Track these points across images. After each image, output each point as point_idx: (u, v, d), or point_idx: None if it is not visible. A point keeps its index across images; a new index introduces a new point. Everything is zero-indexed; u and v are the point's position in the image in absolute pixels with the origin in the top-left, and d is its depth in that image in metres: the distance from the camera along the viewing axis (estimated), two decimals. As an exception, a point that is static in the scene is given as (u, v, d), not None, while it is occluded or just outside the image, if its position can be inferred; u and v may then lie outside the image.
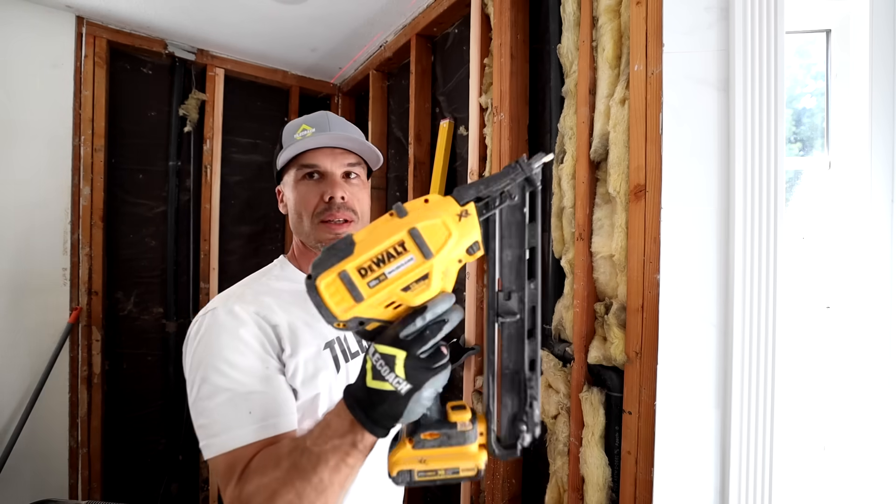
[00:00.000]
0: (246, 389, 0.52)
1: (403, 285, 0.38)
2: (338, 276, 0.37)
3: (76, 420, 1.61)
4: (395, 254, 0.37)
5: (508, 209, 0.40)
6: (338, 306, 0.37)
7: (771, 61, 0.71)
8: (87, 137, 1.62)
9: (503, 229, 0.40)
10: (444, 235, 0.38)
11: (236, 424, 0.50)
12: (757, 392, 0.71)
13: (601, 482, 0.87)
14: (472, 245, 0.40)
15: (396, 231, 0.37)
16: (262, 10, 1.57)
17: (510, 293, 0.40)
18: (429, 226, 0.37)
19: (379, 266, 0.37)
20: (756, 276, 0.72)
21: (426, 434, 0.41)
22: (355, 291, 0.37)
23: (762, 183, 0.72)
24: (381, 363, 0.38)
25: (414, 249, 0.37)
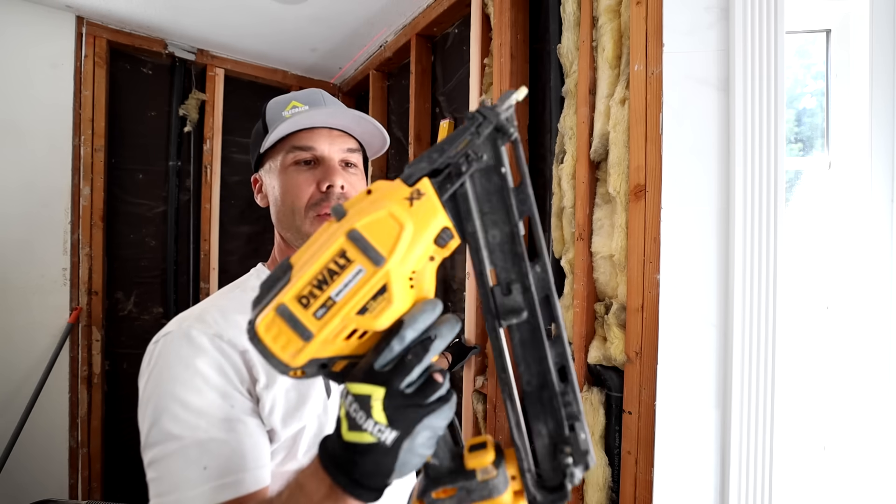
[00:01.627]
0: (201, 437, 0.42)
1: (358, 307, 0.28)
2: (276, 312, 0.28)
3: (76, 420, 1.61)
4: (337, 269, 0.28)
5: (481, 174, 0.30)
6: (285, 351, 0.29)
7: (771, 61, 0.71)
8: (87, 137, 1.62)
9: (480, 203, 0.30)
10: (395, 230, 0.28)
11: (187, 484, 0.40)
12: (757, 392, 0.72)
13: (601, 482, 0.87)
14: (442, 233, 0.30)
15: (333, 238, 0.28)
16: (262, 10, 1.57)
17: (509, 285, 0.31)
18: (371, 222, 0.28)
19: (322, 289, 0.28)
20: (756, 276, 0.72)
21: (438, 492, 0.31)
22: (300, 328, 0.28)
23: (762, 183, 0.72)
24: (356, 408, 0.29)
25: (359, 257, 0.28)
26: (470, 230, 0.30)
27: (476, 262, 0.31)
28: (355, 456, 0.30)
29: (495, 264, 0.31)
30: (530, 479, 0.31)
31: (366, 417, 0.29)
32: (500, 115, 0.30)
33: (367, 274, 0.28)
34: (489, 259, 0.31)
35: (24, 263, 1.52)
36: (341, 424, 0.31)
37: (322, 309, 0.28)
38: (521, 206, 0.31)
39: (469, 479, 0.31)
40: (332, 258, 0.28)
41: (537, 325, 0.31)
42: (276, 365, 0.29)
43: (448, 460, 0.33)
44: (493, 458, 0.32)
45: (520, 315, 0.31)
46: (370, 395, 0.29)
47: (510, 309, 0.31)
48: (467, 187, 0.30)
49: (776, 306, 0.71)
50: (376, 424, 0.29)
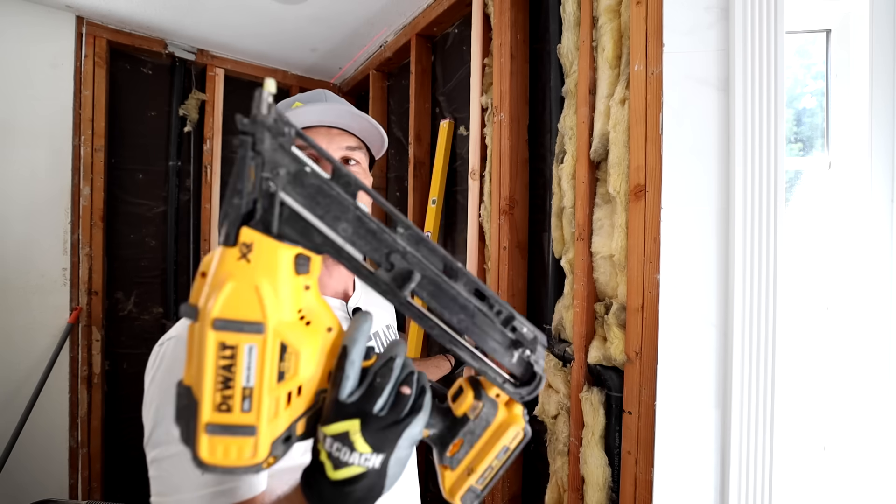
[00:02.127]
0: None
1: (275, 376, 0.28)
2: (207, 434, 0.27)
3: (76, 420, 1.61)
4: (229, 362, 0.27)
5: (293, 185, 0.28)
6: (242, 457, 0.28)
7: (771, 61, 0.71)
8: (87, 137, 1.62)
9: (312, 209, 0.29)
10: (251, 293, 0.27)
11: (184, 487, 0.41)
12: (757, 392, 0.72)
13: (601, 482, 0.87)
14: (296, 262, 0.29)
15: (203, 339, 0.27)
16: (262, 10, 1.57)
17: (388, 258, 0.30)
18: (226, 302, 0.27)
19: (230, 387, 0.27)
20: (756, 276, 0.72)
21: (451, 448, 0.35)
22: (239, 430, 0.28)
23: (762, 183, 0.72)
24: (338, 447, 0.29)
25: (240, 338, 0.27)
26: (319, 240, 0.29)
27: (346, 261, 0.30)
28: (346, 489, 0.30)
29: (364, 251, 0.30)
30: (509, 387, 0.35)
31: (350, 452, 0.29)
32: (266, 121, 0.27)
33: (259, 346, 0.27)
34: (357, 250, 0.30)
35: (24, 263, 1.52)
36: (325, 466, 0.30)
37: (245, 401, 0.28)
38: (346, 188, 0.29)
39: (466, 424, 0.35)
40: (216, 356, 0.27)
41: (433, 274, 0.32)
42: (245, 472, 0.29)
43: (441, 422, 0.35)
44: (473, 395, 0.35)
45: (413, 278, 0.31)
46: (348, 430, 0.29)
47: (402, 278, 0.31)
48: (290, 204, 0.28)
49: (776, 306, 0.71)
50: (361, 455, 0.29)
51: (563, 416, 1.00)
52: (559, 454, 1.01)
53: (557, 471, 1.01)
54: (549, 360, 1.04)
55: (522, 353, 0.34)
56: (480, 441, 0.35)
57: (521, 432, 0.35)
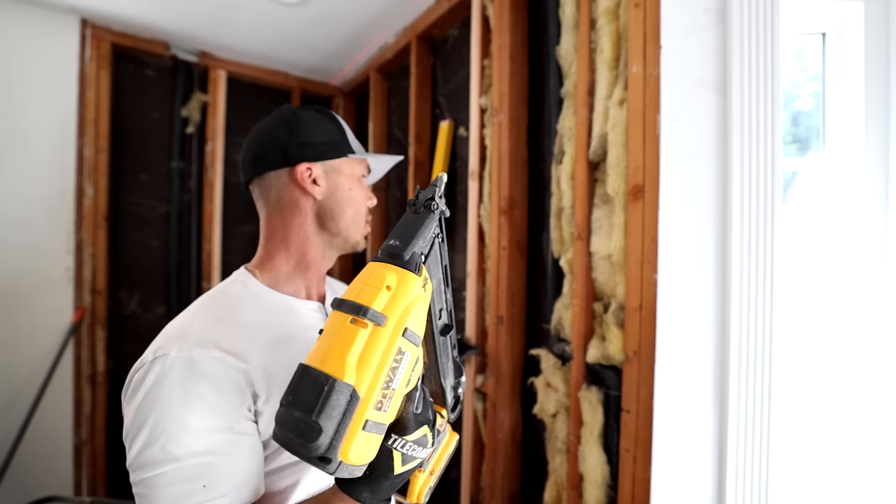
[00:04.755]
0: (202, 459, 0.42)
1: (406, 382, 0.35)
2: (364, 431, 0.30)
3: (80, 418, 1.62)
4: (396, 364, 0.33)
5: (437, 245, 0.41)
6: (369, 455, 0.33)
7: (768, 63, 0.72)
8: (90, 139, 1.64)
9: (431, 265, 0.40)
10: (424, 314, 0.36)
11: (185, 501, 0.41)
12: (754, 390, 0.72)
13: (600, 480, 0.88)
14: None
15: (392, 342, 0.32)
16: (264, 12, 1.58)
17: (440, 311, 0.44)
18: (416, 317, 0.34)
19: (389, 387, 0.32)
20: (753, 276, 0.72)
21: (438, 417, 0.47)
22: (380, 427, 0.32)
23: (759, 183, 0.72)
24: (414, 447, 0.38)
25: (409, 347, 0.34)
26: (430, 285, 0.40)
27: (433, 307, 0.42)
28: (400, 479, 0.39)
29: (435, 303, 0.42)
30: (450, 412, 0.50)
31: (422, 448, 0.39)
32: (443, 204, 0.41)
33: (412, 355, 0.34)
34: (435, 301, 0.42)
35: (28, 263, 1.54)
36: (393, 466, 0.38)
37: (388, 401, 0.33)
38: (444, 258, 0.43)
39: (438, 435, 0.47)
40: (392, 359, 0.32)
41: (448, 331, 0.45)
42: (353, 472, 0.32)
43: None
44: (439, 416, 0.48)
45: (451, 330, 0.45)
46: (426, 434, 0.40)
47: (444, 327, 0.45)
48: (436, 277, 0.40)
49: (773, 306, 0.72)
50: (428, 449, 0.40)
51: (561, 415, 1.00)
52: (558, 452, 1.02)
53: (556, 469, 1.02)
54: (548, 359, 1.05)
55: (458, 392, 0.50)
56: (441, 447, 0.49)
57: (457, 441, 0.52)
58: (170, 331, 0.48)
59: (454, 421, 0.52)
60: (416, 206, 0.40)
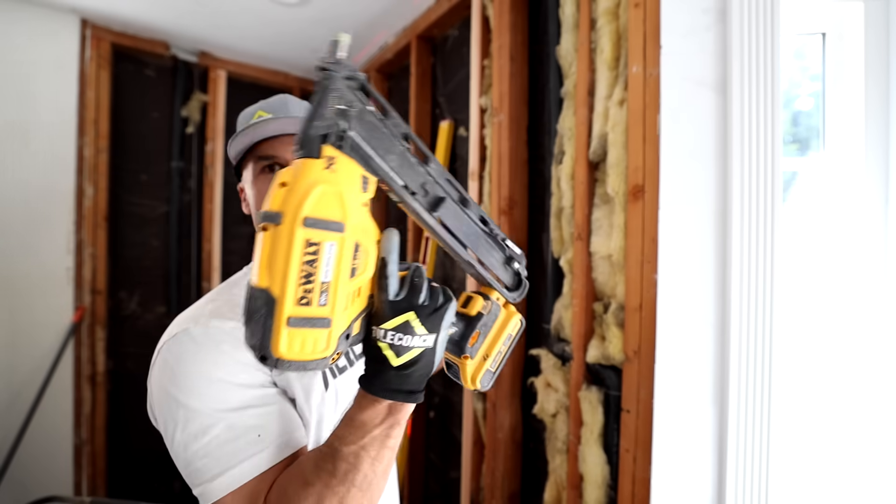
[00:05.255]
0: (249, 412, 0.44)
1: (348, 272, 0.33)
2: (289, 326, 0.30)
3: (80, 418, 1.62)
4: (313, 257, 0.31)
5: (358, 121, 0.34)
6: (316, 350, 0.32)
7: (768, 63, 0.72)
8: (90, 138, 1.64)
9: (370, 142, 0.35)
10: (336, 197, 0.32)
11: (244, 454, 0.42)
12: (754, 390, 0.72)
13: (600, 480, 0.88)
14: (362, 181, 0.34)
15: (291, 236, 0.30)
16: (264, 12, 1.58)
17: (423, 187, 0.38)
18: (316, 202, 0.31)
19: (311, 281, 0.31)
20: (753, 276, 0.72)
21: (470, 341, 0.43)
22: (319, 322, 0.31)
23: (759, 183, 0.72)
24: (398, 336, 0.36)
25: (325, 235, 0.31)
26: (376, 166, 0.35)
27: (392, 185, 0.37)
28: (407, 371, 0.37)
29: (406, 180, 0.37)
30: (506, 292, 0.46)
31: (411, 337, 0.36)
32: (346, 65, 0.34)
33: (339, 244, 0.32)
34: (399, 177, 0.37)
35: (28, 263, 1.54)
36: (387, 360, 0.37)
37: (322, 294, 0.31)
38: (395, 129, 0.37)
39: (480, 319, 0.44)
40: (303, 252, 0.30)
41: (453, 201, 0.41)
42: (317, 366, 0.33)
43: (461, 321, 0.44)
44: (482, 299, 0.45)
45: (443, 204, 0.39)
46: (408, 320, 0.36)
47: (434, 201, 0.39)
48: (355, 136, 0.34)
49: (773, 305, 0.72)
50: (421, 337, 0.37)
51: (562, 415, 1.00)
52: (558, 452, 1.02)
53: (556, 469, 1.02)
54: (548, 359, 1.05)
55: (513, 266, 0.46)
56: (492, 331, 0.45)
57: (521, 322, 0.47)
58: (185, 315, 0.50)
59: (517, 301, 0.46)
60: None
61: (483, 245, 0.43)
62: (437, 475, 1.53)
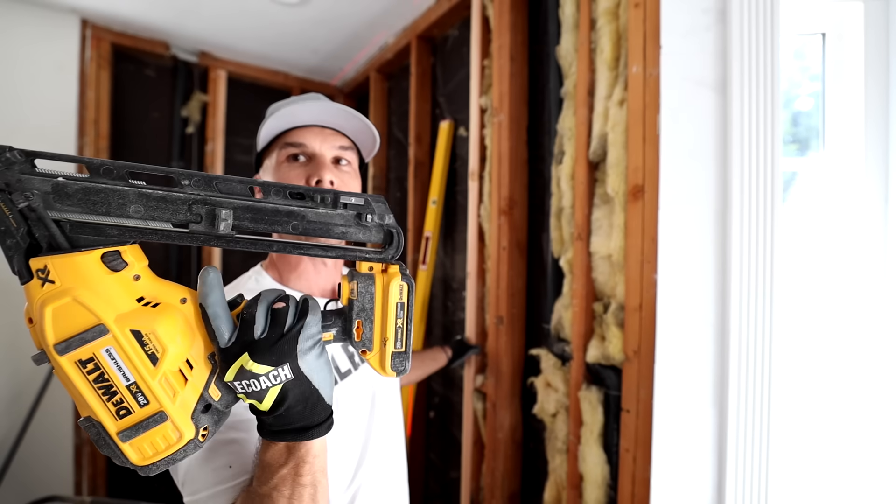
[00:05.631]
0: (223, 438, 0.44)
1: (147, 362, 0.29)
2: (122, 442, 0.29)
3: (80, 418, 1.62)
4: (96, 371, 0.28)
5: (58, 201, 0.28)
6: (169, 441, 0.30)
7: (767, 63, 0.72)
8: (91, 139, 1.64)
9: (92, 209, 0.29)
10: (72, 305, 0.28)
11: (214, 482, 0.43)
12: (753, 390, 0.72)
13: (600, 480, 0.88)
14: (106, 259, 0.30)
15: (61, 369, 0.28)
16: (264, 12, 1.58)
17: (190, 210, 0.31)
18: (52, 327, 0.27)
19: (115, 392, 0.28)
20: (753, 276, 0.72)
21: (356, 335, 0.38)
22: (150, 422, 0.29)
23: (759, 183, 0.72)
24: (245, 384, 0.32)
25: (92, 347, 0.28)
26: (116, 232, 0.30)
27: (155, 236, 0.32)
28: (280, 411, 0.33)
29: (167, 218, 0.32)
30: (374, 255, 0.38)
31: (256, 380, 0.32)
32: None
33: (115, 344, 0.28)
34: (161, 221, 0.32)
35: (29, 263, 1.54)
36: (255, 407, 0.34)
37: (138, 395, 0.29)
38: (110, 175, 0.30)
39: (352, 307, 0.37)
40: (82, 374, 0.28)
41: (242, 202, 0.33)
42: (185, 454, 0.31)
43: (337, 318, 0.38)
44: (348, 280, 0.38)
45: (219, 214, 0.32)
46: (242, 365, 0.32)
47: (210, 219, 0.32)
48: (64, 217, 0.29)
49: (773, 305, 0.72)
50: (266, 376, 0.32)
51: (561, 415, 1.01)
52: (558, 452, 1.02)
53: (556, 469, 1.02)
54: (548, 358, 1.05)
55: (370, 220, 0.36)
56: (376, 312, 0.37)
57: (404, 283, 0.38)
58: None
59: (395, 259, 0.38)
60: None
61: (315, 223, 0.34)
62: (436, 475, 1.53)
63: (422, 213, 1.56)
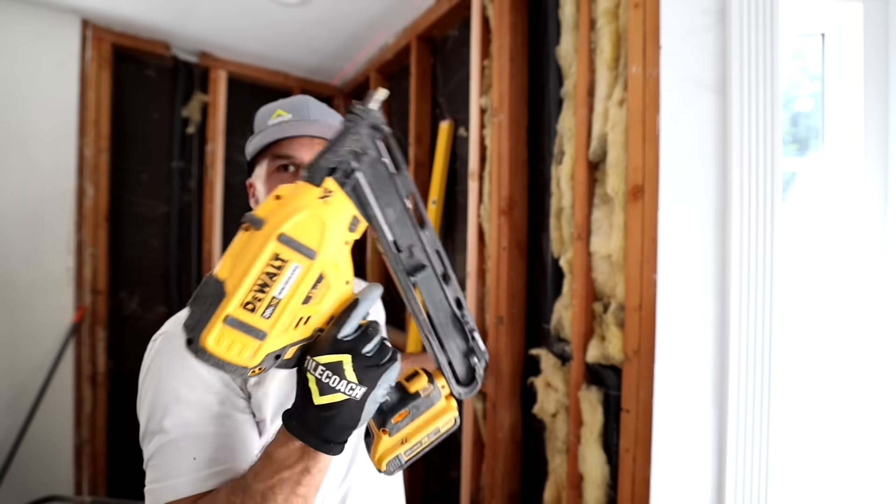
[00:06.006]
0: (192, 431, 0.44)
1: (302, 298, 0.34)
2: (224, 324, 0.31)
3: (81, 418, 1.63)
4: (275, 270, 0.32)
5: (369, 167, 0.36)
6: (241, 355, 0.32)
7: (767, 64, 0.72)
8: (91, 139, 1.64)
9: (374, 189, 0.37)
10: (318, 226, 0.33)
11: (177, 472, 0.43)
12: (753, 390, 0.72)
13: (599, 480, 0.88)
14: (352, 221, 0.36)
15: (263, 245, 0.32)
16: (264, 12, 1.59)
17: (410, 248, 0.39)
18: (297, 224, 0.32)
19: (264, 291, 0.32)
20: (752, 276, 0.72)
21: (396, 417, 0.41)
22: (253, 331, 0.32)
23: (758, 183, 0.72)
24: (328, 374, 0.35)
25: (294, 256, 0.32)
26: (371, 213, 0.37)
27: (381, 236, 0.38)
28: (326, 414, 0.36)
29: (396, 234, 0.39)
30: (454, 384, 0.43)
31: (339, 380, 0.35)
32: (374, 115, 0.37)
33: (304, 268, 0.33)
34: (391, 232, 0.39)
35: (29, 263, 1.54)
36: (311, 393, 0.36)
37: (269, 308, 0.33)
38: (403, 187, 0.39)
39: (415, 399, 0.42)
40: (267, 262, 0.32)
41: (434, 274, 0.41)
42: (234, 371, 0.33)
43: (396, 392, 0.42)
44: (427, 380, 0.43)
45: (423, 271, 0.40)
46: (342, 360, 0.35)
47: (416, 265, 0.40)
48: (361, 178, 0.36)
49: (772, 305, 0.72)
50: (349, 384, 0.35)
51: (561, 415, 1.01)
52: (558, 452, 1.02)
53: (556, 468, 1.02)
54: (548, 358, 1.05)
55: (472, 361, 0.43)
56: (422, 417, 0.42)
57: (455, 420, 0.43)
58: (175, 316, 0.53)
59: (463, 398, 0.43)
60: None
61: (449, 327, 0.42)
62: (436, 475, 1.53)
63: (422, 213, 1.56)
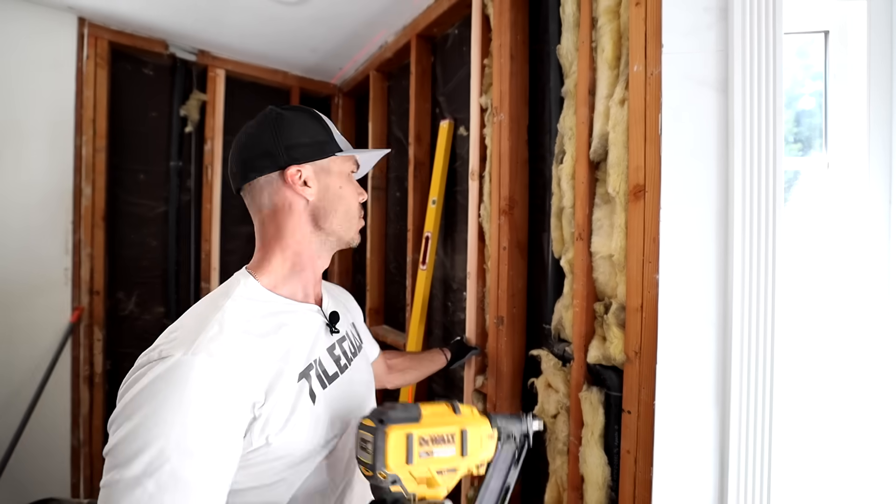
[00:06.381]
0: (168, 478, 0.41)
1: (439, 468, 0.47)
2: (405, 434, 0.44)
3: (78, 419, 1.62)
4: (446, 440, 0.47)
5: (508, 446, 0.58)
6: (393, 459, 0.44)
7: (770, 62, 0.72)
8: (88, 138, 1.63)
9: (498, 461, 0.56)
10: (479, 445, 0.51)
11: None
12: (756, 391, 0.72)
13: (601, 481, 0.87)
14: (484, 462, 0.52)
15: (452, 424, 0.49)
16: (263, 11, 1.58)
17: (509, 435, 0.58)
18: (475, 432, 0.50)
19: (431, 444, 0.46)
20: (755, 276, 0.72)
21: None
22: (411, 455, 0.45)
23: (761, 183, 0.72)
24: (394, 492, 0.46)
25: (458, 444, 0.48)
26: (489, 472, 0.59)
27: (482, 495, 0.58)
28: None
29: (484, 499, 0.59)
30: None
31: None
32: (531, 430, 0.63)
33: (454, 455, 0.48)
34: (483, 495, 0.58)
35: (26, 263, 1.53)
36: None
37: (426, 454, 0.46)
38: (510, 478, 0.62)
39: None
40: (446, 434, 0.48)
41: None
42: (379, 460, 0.44)
43: None
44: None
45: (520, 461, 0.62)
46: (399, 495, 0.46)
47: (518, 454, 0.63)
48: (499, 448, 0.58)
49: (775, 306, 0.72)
50: None
51: (562, 416, 1.00)
52: (559, 453, 1.01)
53: (557, 470, 1.01)
54: (548, 359, 1.05)
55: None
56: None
57: None
58: (174, 334, 0.49)
59: None
60: None
61: None
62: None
63: (422, 212, 1.55)
